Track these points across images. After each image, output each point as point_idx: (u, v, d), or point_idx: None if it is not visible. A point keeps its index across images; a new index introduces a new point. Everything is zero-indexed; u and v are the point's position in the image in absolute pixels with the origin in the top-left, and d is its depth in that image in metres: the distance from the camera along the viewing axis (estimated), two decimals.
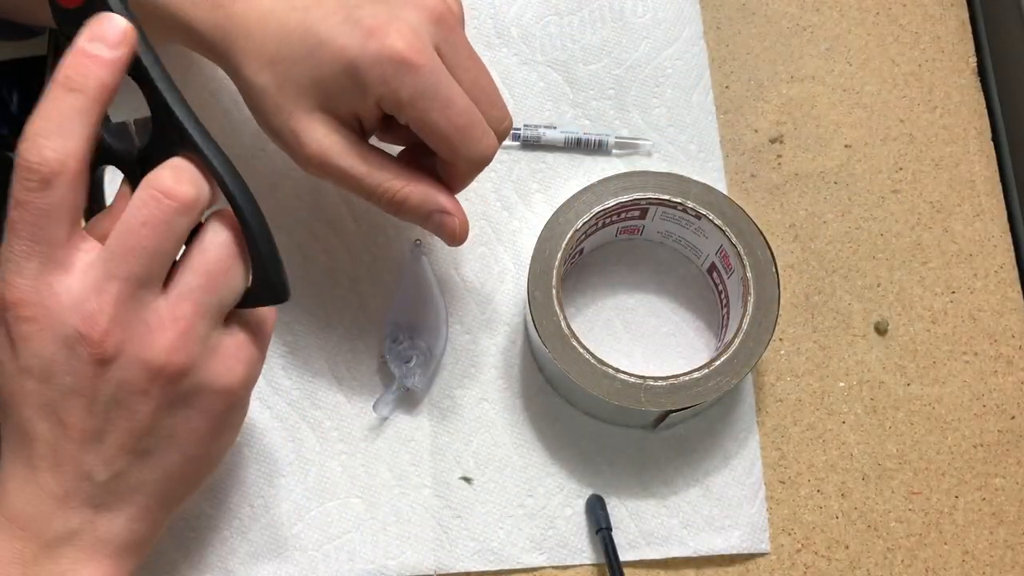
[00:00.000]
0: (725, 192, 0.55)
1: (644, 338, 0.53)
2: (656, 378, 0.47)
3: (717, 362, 0.47)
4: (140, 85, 0.36)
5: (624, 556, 0.49)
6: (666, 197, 0.49)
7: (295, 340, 0.52)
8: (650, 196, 0.49)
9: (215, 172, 0.36)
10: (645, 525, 0.50)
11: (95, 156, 0.35)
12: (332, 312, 0.52)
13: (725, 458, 0.51)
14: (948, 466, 0.52)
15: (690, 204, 0.49)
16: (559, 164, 0.55)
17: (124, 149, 0.37)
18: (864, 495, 0.51)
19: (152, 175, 0.35)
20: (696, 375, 0.47)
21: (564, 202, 0.49)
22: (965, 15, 0.59)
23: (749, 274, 0.48)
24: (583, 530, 0.50)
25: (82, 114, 0.34)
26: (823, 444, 0.52)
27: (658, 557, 0.50)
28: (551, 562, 0.49)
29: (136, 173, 0.36)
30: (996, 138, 0.57)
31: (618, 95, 0.56)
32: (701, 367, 0.47)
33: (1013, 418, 0.52)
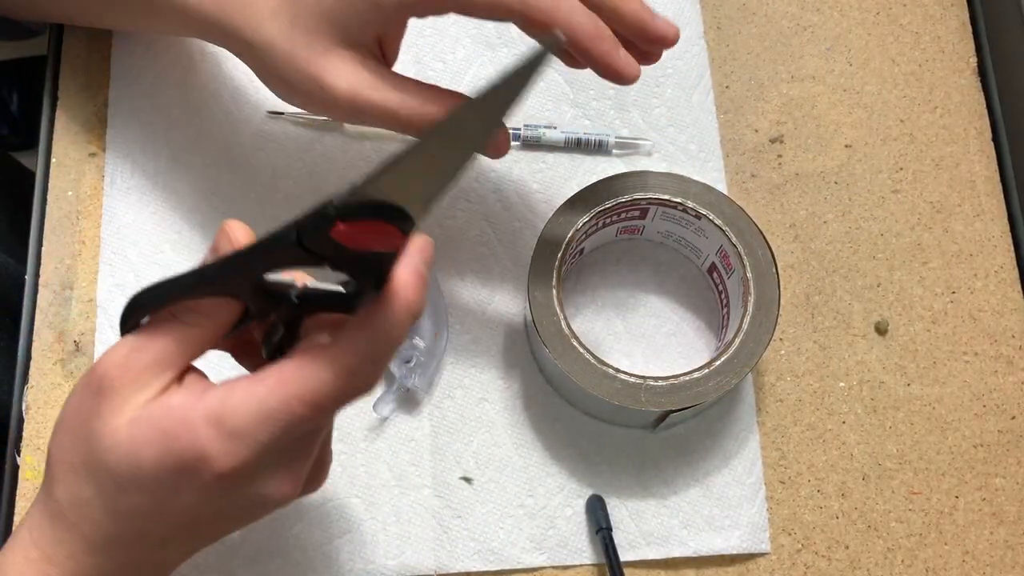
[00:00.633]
0: (725, 192, 0.55)
1: (644, 338, 0.53)
2: (656, 378, 0.47)
3: (717, 362, 0.47)
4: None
5: (624, 556, 0.49)
6: (666, 197, 0.49)
7: None
8: (650, 196, 0.49)
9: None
10: (645, 525, 0.50)
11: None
12: None
13: (725, 458, 0.51)
14: (948, 466, 0.52)
15: (690, 204, 0.49)
16: (559, 164, 0.55)
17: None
18: (864, 495, 0.51)
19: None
20: (696, 375, 0.47)
21: (564, 202, 0.49)
22: (965, 15, 0.59)
23: (749, 274, 0.48)
24: (583, 530, 0.50)
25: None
26: (823, 444, 0.52)
27: (658, 557, 0.50)
28: (551, 562, 0.49)
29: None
30: (996, 138, 0.57)
31: (618, 95, 0.56)
32: (701, 367, 0.47)
33: (1013, 418, 0.52)
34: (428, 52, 0.57)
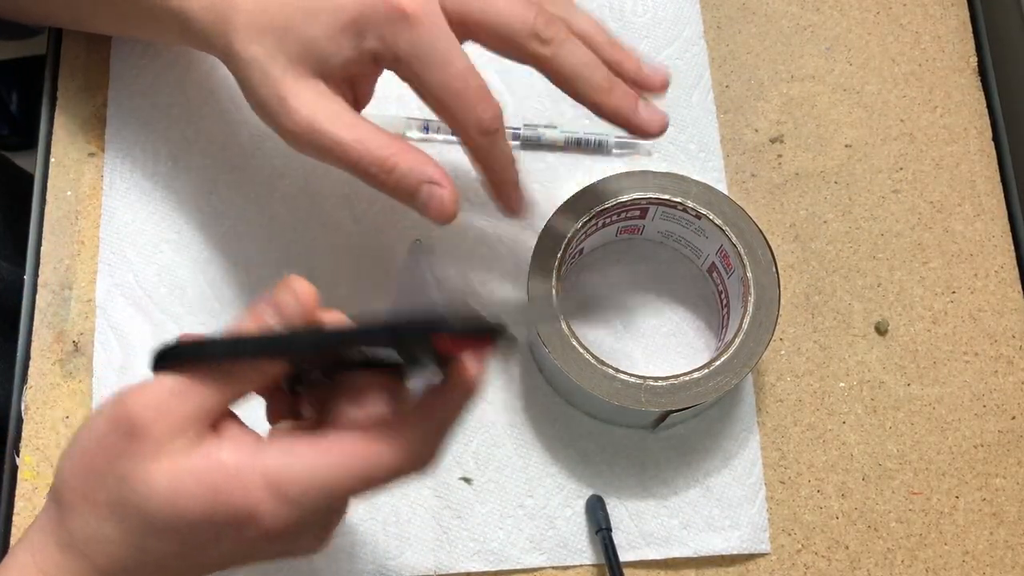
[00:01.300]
0: (725, 192, 0.55)
1: (644, 338, 0.53)
2: (656, 378, 0.47)
3: (717, 362, 0.47)
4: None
5: (624, 556, 0.49)
6: (666, 197, 0.49)
7: None
8: (650, 196, 0.49)
9: None
10: (645, 525, 0.50)
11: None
12: None
13: (725, 458, 0.51)
14: (948, 466, 0.52)
15: (690, 204, 0.49)
16: (559, 164, 0.55)
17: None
18: (864, 495, 0.51)
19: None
20: (696, 375, 0.47)
21: (564, 202, 0.49)
22: (965, 15, 0.59)
23: (749, 274, 0.48)
24: (583, 530, 0.50)
25: None
26: (823, 444, 0.52)
27: (658, 557, 0.50)
28: (551, 562, 0.49)
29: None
30: (996, 138, 0.57)
31: None
32: (701, 367, 0.47)
33: (1013, 418, 0.52)
34: None
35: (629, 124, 0.43)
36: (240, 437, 0.34)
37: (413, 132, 0.54)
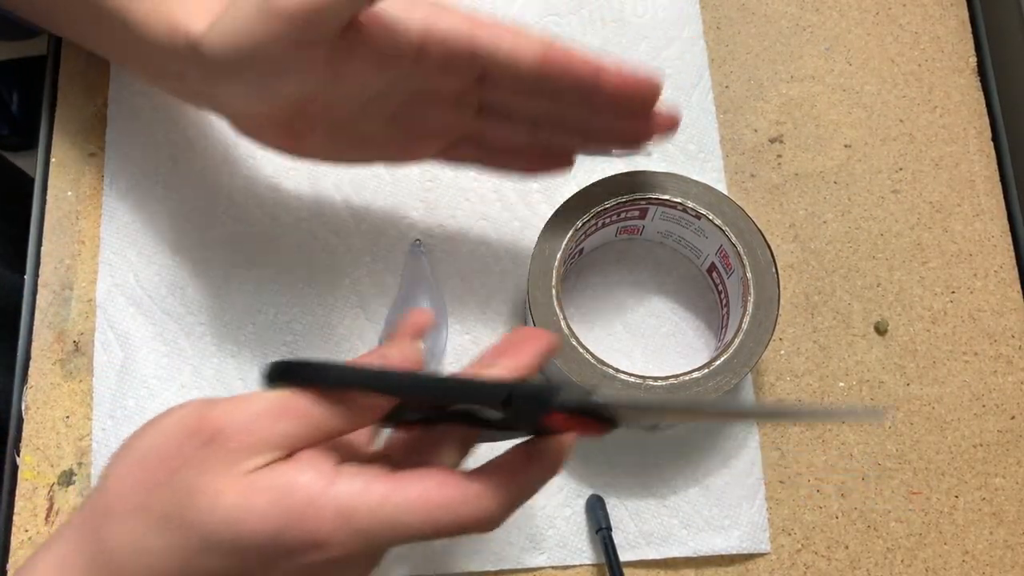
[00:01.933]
0: (725, 192, 0.55)
1: (644, 338, 0.53)
2: (656, 378, 0.47)
3: (717, 362, 0.47)
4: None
5: (624, 556, 0.49)
6: (666, 197, 0.49)
7: (295, 340, 0.52)
8: (650, 196, 0.49)
9: None
10: (645, 525, 0.50)
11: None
12: (332, 312, 0.52)
13: (725, 458, 0.51)
14: (948, 466, 0.52)
15: (690, 204, 0.49)
16: None
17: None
18: (864, 495, 0.51)
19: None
20: (696, 375, 0.47)
21: (564, 202, 0.49)
22: (965, 15, 0.59)
23: (749, 274, 0.48)
24: (583, 530, 0.50)
25: None
26: (823, 444, 0.52)
27: (658, 557, 0.50)
28: (551, 562, 0.49)
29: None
30: (996, 138, 0.57)
31: None
32: (701, 367, 0.47)
33: (1013, 418, 0.52)
34: None
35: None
36: (319, 464, 0.33)
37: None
